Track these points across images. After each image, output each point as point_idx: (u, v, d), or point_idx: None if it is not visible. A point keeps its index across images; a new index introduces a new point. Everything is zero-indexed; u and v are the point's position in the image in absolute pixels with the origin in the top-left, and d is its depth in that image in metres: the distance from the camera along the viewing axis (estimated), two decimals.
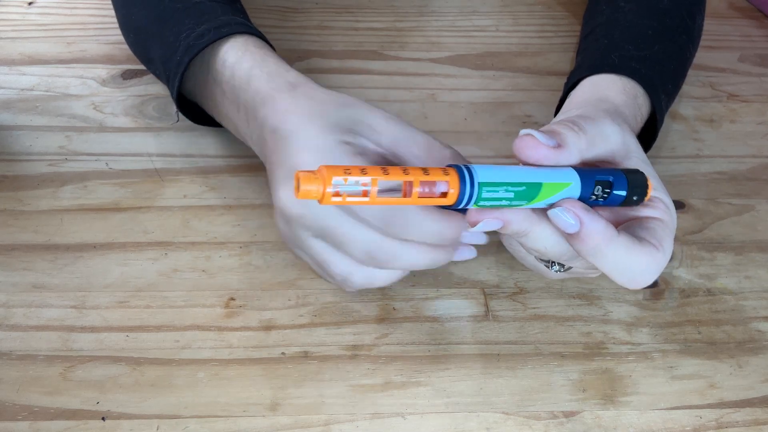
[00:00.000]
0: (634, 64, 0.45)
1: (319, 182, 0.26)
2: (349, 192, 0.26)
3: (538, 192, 0.30)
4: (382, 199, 0.27)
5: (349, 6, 0.64)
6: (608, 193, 0.32)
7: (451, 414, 0.38)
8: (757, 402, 0.39)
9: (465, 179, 0.28)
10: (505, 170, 0.29)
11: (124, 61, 0.57)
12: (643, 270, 0.32)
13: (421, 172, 0.27)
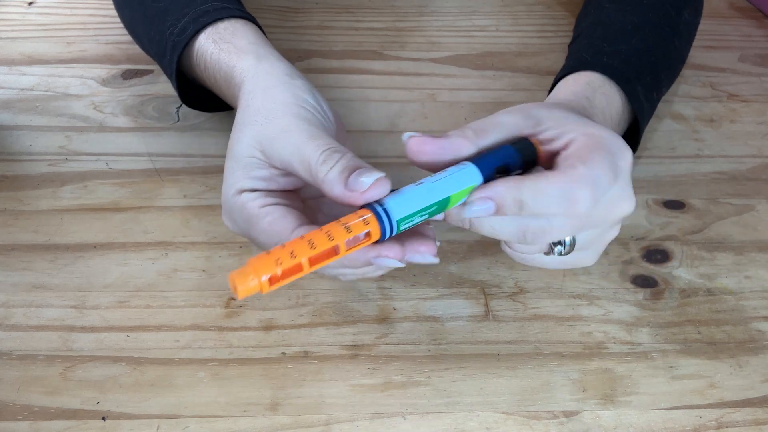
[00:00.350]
0: (605, 59, 0.45)
1: (254, 279, 0.29)
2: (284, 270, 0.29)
3: (448, 203, 0.32)
4: (315, 266, 0.30)
5: (349, 6, 0.64)
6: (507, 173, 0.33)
7: (451, 414, 0.38)
8: (757, 402, 0.39)
9: (384, 224, 0.31)
10: (416, 195, 0.32)
11: (124, 61, 0.57)
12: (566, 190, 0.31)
13: (344, 230, 0.30)
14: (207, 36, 0.43)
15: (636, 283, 0.44)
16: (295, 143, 0.34)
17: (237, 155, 0.36)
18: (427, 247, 0.33)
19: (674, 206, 0.49)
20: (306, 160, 0.33)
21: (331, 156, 0.33)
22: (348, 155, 0.33)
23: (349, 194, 0.31)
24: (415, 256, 0.33)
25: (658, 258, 0.45)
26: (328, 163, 0.33)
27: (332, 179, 0.32)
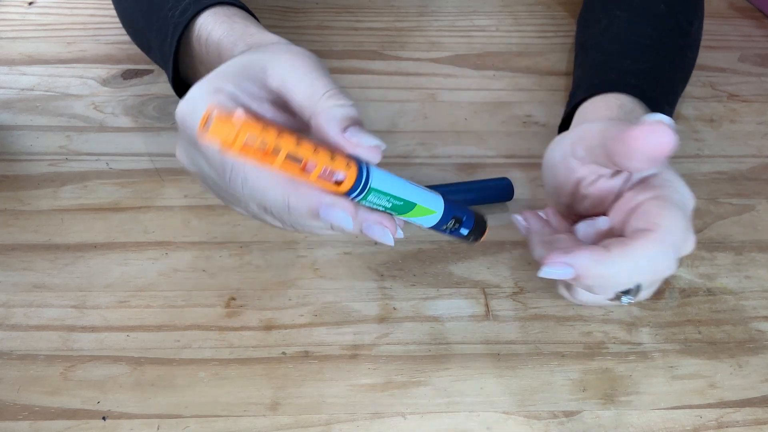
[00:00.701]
0: (632, 80, 0.44)
1: (232, 129, 0.26)
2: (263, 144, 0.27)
3: (411, 210, 0.33)
4: (287, 167, 0.28)
5: (349, 6, 0.64)
6: (456, 228, 0.35)
7: (451, 414, 0.38)
8: (757, 402, 0.39)
9: (361, 179, 0.30)
10: (396, 182, 0.32)
11: (124, 61, 0.57)
12: (652, 258, 0.32)
13: (328, 156, 0.29)
14: (215, 13, 0.42)
15: None
16: (308, 71, 0.32)
17: (235, 62, 0.33)
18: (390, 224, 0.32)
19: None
20: (313, 87, 0.32)
21: (342, 95, 0.32)
22: (357, 109, 0.32)
23: (343, 139, 0.30)
24: (374, 227, 0.32)
25: None
26: (338, 99, 0.31)
27: (334, 117, 0.31)
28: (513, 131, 0.53)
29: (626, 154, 0.31)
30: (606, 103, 0.43)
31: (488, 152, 0.52)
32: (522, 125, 0.54)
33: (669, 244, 0.32)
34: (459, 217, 0.35)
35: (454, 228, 0.35)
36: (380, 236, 0.32)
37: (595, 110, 0.43)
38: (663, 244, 0.32)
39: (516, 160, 0.51)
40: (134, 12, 0.50)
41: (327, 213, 0.31)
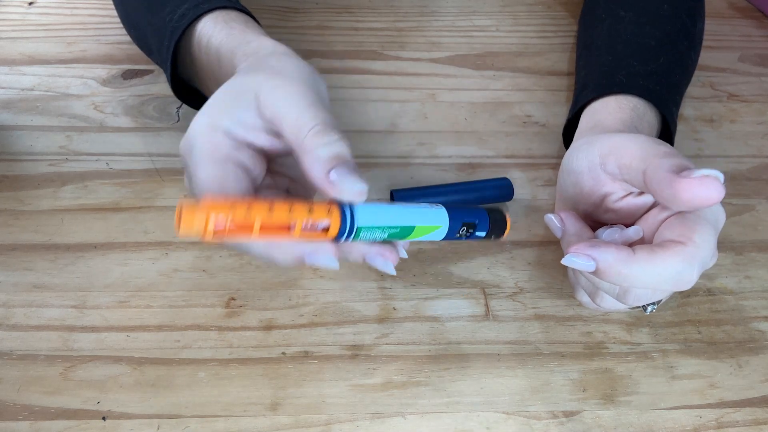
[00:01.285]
0: (642, 81, 0.44)
1: (201, 219, 0.27)
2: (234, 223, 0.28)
3: (411, 233, 0.33)
4: (265, 234, 0.29)
5: (349, 6, 0.64)
6: (471, 233, 0.35)
7: (451, 414, 0.38)
8: (757, 402, 0.39)
9: (346, 222, 0.30)
10: (385, 211, 0.32)
11: (125, 61, 0.57)
12: (678, 271, 0.32)
13: (306, 210, 0.29)
14: (215, 17, 0.42)
15: None
16: (296, 102, 0.32)
17: (229, 89, 0.34)
18: (392, 255, 0.33)
19: None
20: (301, 121, 0.31)
21: (328, 132, 0.31)
22: (344, 141, 0.31)
23: (327, 182, 0.30)
24: (377, 258, 0.33)
25: None
26: (323, 137, 0.31)
27: (318, 157, 0.30)
28: (513, 131, 0.53)
29: (673, 199, 0.31)
30: (618, 104, 0.43)
31: (488, 152, 0.52)
32: (522, 125, 0.54)
33: (698, 260, 0.32)
34: (470, 222, 0.35)
35: (469, 233, 0.35)
36: (381, 266, 0.33)
37: (608, 112, 0.43)
38: (692, 259, 0.32)
39: (516, 160, 0.51)
40: (135, 14, 0.50)
41: (312, 260, 0.32)
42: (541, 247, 0.46)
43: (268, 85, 0.33)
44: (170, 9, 0.44)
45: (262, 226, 0.28)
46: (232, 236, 0.28)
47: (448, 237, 0.34)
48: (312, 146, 0.31)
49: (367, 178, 0.48)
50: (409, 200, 0.47)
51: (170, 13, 0.44)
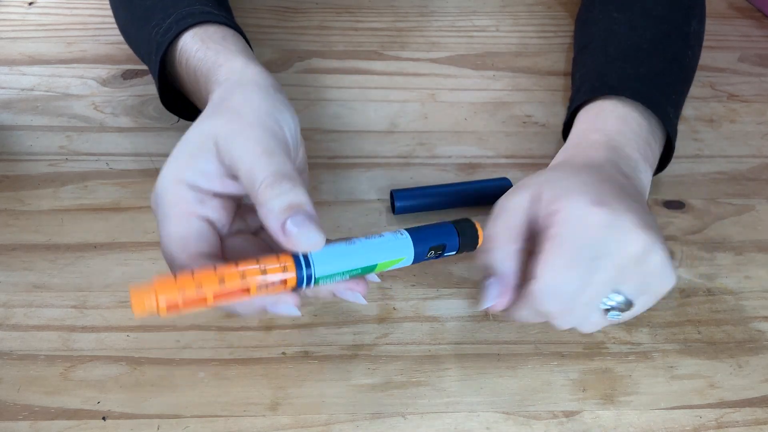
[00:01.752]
0: (633, 84, 0.45)
1: (151, 300, 0.28)
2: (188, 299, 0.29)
3: (373, 269, 0.33)
4: (220, 300, 0.29)
5: (349, 6, 0.64)
6: (441, 254, 0.34)
7: (451, 414, 0.38)
8: (757, 402, 0.39)
9: (302, 275, 0.30)
10: (343, 255, 0.32)
11: (124, 61, 0.57)
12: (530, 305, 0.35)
13: (259, 271, 0.30)
14: (194, 35, 0.42)
15: None
16: (250, 150, 0.32)
17: (189, 139, 0.34)
18: (361, 287, 0.33)
19: (674, 206, 0.49)
20: (253, 172, 0.31)
21: (279, 182, 0.30)
22: (297, 189, 0.31)
23: (281, 235, 0.30)
24: (346, 293, 0.33)
25: None
26: (274, 188, 0.30)
27: (271, 210, 0.30)
28: (513, 131, 0.53)
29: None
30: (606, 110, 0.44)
31: (488, 152, 0.52)
32: (522, 125, 0.54)
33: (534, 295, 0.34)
34: (438, 245, 0.34)
35: (438, 255, 0.34)
36: (352, 299, 0.34)
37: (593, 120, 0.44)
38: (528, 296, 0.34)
39: (516, 160, 0.51)
40: (126, 24, 0.51)
41: (274, 310, 0.32)
42: None
43: (225, 131, 0.33)
44: (156, 23, 0.45)
45: (215, 295, 0.29)
46: (187, 309, 0.29)
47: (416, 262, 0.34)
48: (264, 199, 0.30)
49: (367, 178, 0.49)
50: (409, 200, 0.46)
51: (156, 26, 0.44)
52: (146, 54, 0.47)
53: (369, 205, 0.47)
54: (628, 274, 0.34)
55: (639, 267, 0.34)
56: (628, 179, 0.39)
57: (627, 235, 0.33)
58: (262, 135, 0.33)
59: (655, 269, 0.34)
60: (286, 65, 0.58)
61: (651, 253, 0.34)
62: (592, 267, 0.33)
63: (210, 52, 0.41)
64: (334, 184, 0.49)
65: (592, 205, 0.34)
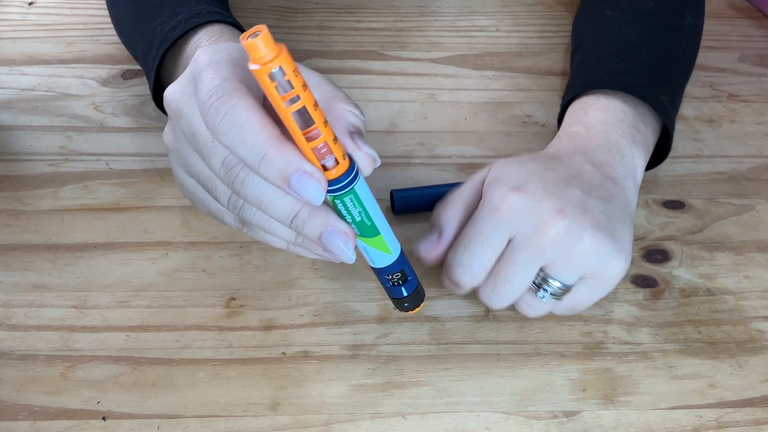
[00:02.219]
0: (622, 78, 0.45)
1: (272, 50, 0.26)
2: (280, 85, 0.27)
3: (373, 236, 0.33)
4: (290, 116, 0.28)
5: (349, 6, 0.64)
6: (398, 284, 0.36)
7: (451, 414, 0.38)
8: (757, 402, 0.39)
9: (348, 176, 0.30)
10: (372, 203, 0.32)
11: (125, 61, 0.57)
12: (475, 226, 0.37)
13: (333, 138, 0.29)
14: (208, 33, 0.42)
15: (636, 283, 0.44)
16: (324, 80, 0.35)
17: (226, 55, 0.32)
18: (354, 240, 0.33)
19: (674, 206, 0.49)
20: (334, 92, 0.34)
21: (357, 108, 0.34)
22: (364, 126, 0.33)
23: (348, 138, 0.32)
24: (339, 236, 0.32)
25: (658, 258, 0.45)
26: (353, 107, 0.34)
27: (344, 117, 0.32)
28: (513, 131, 0.53)
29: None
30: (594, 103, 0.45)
31: (488, 152, 0.52)
32: (522, 125, 0.54)
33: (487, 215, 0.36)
34: (406, 274, 0.36)
35: (397, 283, 0.36)
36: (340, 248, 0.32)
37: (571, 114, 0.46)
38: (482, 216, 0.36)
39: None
40: (123, 18, 0.51)
41: (300, 181, 0.29)
42: None
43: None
44: (162, 20, 0.45)
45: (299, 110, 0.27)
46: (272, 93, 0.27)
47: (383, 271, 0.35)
48: (341, 108, 0.32)
49: (367, 178, 0.49)
50: (409, 200, 0.47)
51: (161, 23, 0.44)
52: (143, 50, 0.46)
53: None
54: (554, 256, 0.35)
55: (567, 250, 0.35)
56: (597, 166, 0.40)
57: (544, 218, 0.35)
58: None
59: (587, 252, 0.35)
60: None
61: (579, 236, 0.35)
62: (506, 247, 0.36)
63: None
64: None
65: (509, 191, 0.36)
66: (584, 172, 0.39)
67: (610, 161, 0.41)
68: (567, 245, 0.35)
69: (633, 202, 0.40)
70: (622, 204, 0.39)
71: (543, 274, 0.36)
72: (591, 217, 0.36)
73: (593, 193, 0.38)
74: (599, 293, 0.38)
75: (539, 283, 0.37)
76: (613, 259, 0.36)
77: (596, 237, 0.35)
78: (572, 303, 0.38)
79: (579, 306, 0.39)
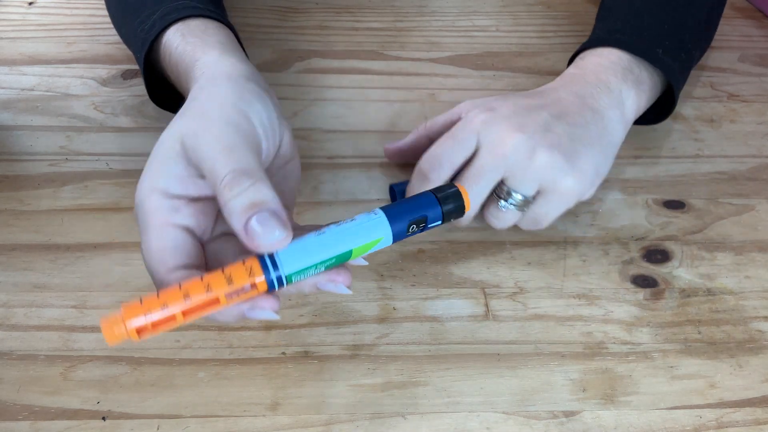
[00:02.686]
0: (617, 35, 0.48)
1: (121, 327, 0.28)
2: (157, 320, 0.28)
3: (350, 256, 0.31)
4: (191, 316, 0.29)
5: (349, 6, 0.64)
6: (424, 227, 0.33)
7: (451, 414, 0.38)
8: (757, 402, 0.39)
9: (270, 276, 0.29)
10: (312, 247, 0.30)
11: (125, 61, 0.57)
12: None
13: (225, 282, 0.29)
14: (175, 30, 0.42)
15: (636, 283, 0.44)
16: (212, 147, 0.31)
17: (161, 144, 0.33)
18: (343, 277, 0.32)
19: (674, 206, 0.49)
20: (214, 171, 0.30)
21: (239, 180, 0.29)
22: (259, 185, 0.30)
23: (245, 236, 0.29)
24: (328, 284, 0.32)
25: (658, 258, 0.45)
26: (233, 188, 0.29)
27: (233, 210, 0.29)
28: None
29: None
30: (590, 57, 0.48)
31: None
32: None
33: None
34: (419, 218, 0.32)
35: (422, 228, 0.33)
36: (335, 290, 0.32)
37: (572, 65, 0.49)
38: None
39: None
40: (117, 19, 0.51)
41: (253, 316, 0.31)
42: (541, 247, 0.46)
43: (189, 131, 0.32)
44: (142, 19, 0.45)
45: (185, 312, 0.28)
46: (161, 329, 0.29)
47: (398, 240, 0.32)
48: (225, 199, 0.29)
49: (367, 178, 0.49)
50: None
51: (141, 23, 0.45)
52: (132, 49, 0.47)
53: (369, 205, 0.47)
54: (513, 166, 0.40)
55: (523, 162, 0.40)
56: (580, 98, 0.44)
57: (507, 131, 0.40)
58: (224, 130, 0.32)
59: (541, 166, 0.40)
60: (286, 65, 0.58)
61: (533, 150, 0.40)
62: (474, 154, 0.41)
63: (189, 46, 0.41)
64: (334, 184, 0.49)
65: (482, 111, 0.42)
66: (562, 100, 0.43)
67: (594, 94, 0.44)
68: (523, 158, 0.40)
69: (615, 133, 0.44)
70: (597, 131, 0.42)
71: (506, 187, 0.41)
72: (550, 136, 0.40)
73: (564, 118, 0.42)
74: (556, 209, 0.42)
75: (504, 197, 0.41)
76: (566, 175, 0.40)
77: (551, 153, 0.40)
78: (533, 216, 0.42)
79: (540, 220, 0.42)
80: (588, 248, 0.46)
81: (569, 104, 0.43)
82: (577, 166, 0.40)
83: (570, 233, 0.46)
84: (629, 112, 0.45)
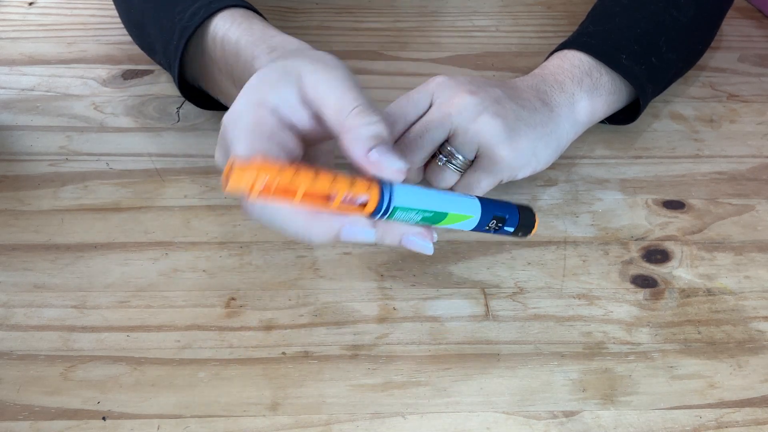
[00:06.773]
0: (584, 39, 0.49)
1: (250, 177, 0.28)
2: (280, 187, 0.28)
3: (443, 219, 0.34)
4: (305, 200, 0.29)
5: (349, 6, 0.64)
6: (500, 227, 0.37)
7: (451, 414, 0.38)
8: (757, 402, 0.39)
9: (384, 199, 0.31)
10: (422, 195, 0.33)
11: (125, 61, 0.57)
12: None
13: (348, 183, 0.30)
14: (229, 15, 0.43)
15: (636, 283, 0.44)
16: (338, 83, 0.33)
17: (273, 69, 0.34)
18: (429, 233, 0.34)
19: (674, 206, 0.49)
20: (342, 101, 0.32)
21: (369, 113, 0.32)
22: (384, 124, 0.32)
23: (367, 161, 0.31)
24: (415, 237, 0.34)
25: (658, 258, 0.45)
26: (364, 117, 0.32)
27: (359, 137, 0.31)
28: None
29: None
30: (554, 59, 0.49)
31: None
32: None
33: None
34: (501, 216, 0.36)
35: (498, 227, 0.37)
36: (419, 247, 0.34)
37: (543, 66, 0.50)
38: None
39: None
40: (139, 13, 0.50)
41: (348, 234, 0.32)
42: (541, 247, 0.46)
43: (310, 68, 0.34)
44: (180, 9, 0.45)
45: (304, 193, 0.29)
46: (275, 198, 0.28)
47: (477, 229, 0.36)
48: (353, 125, 0.32)
49: None
50: None
51: (180, 12, 0.45)
52: (162, 41, 0.46)
53: None
54: (457, 125, 0.41)
55: (467, 123, 0.41)
56: (536, 91, 0.46)
57: (458, 93, 0.42)
58: (346, 75, 0.34)
59: (482, 130, 0.41)
60: None
61: (478, 113, 0.41)
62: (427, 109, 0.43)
63: (256, 27, 0.42)
64: None
65: (441, 78, 0.44)
66: (519, 89, 0.45)
67: (548, 91, 0.46)
68: (468, 119, 0.41)
69: (561, 128, 0.46)
70: (542, 119, 0.44)
71: (449, 147, 0.42)
72: (498, 107, 0.42)
73: (515, 100, 0.44)
74: (488, 178, 0.43)
75: (446, 155, 0.43)
76: (503, 145, 0.42)
77: (494, 120, 0.41)
78: (467, 181, 0.43)
79: (473, 186, 0.43)
80: (588, 248, 0.46)
81: (523, 92, 0.45)
82: (515, 141, 0.42)
83: (570, 233, 0.46)
84: (581, 115, 0.47)
